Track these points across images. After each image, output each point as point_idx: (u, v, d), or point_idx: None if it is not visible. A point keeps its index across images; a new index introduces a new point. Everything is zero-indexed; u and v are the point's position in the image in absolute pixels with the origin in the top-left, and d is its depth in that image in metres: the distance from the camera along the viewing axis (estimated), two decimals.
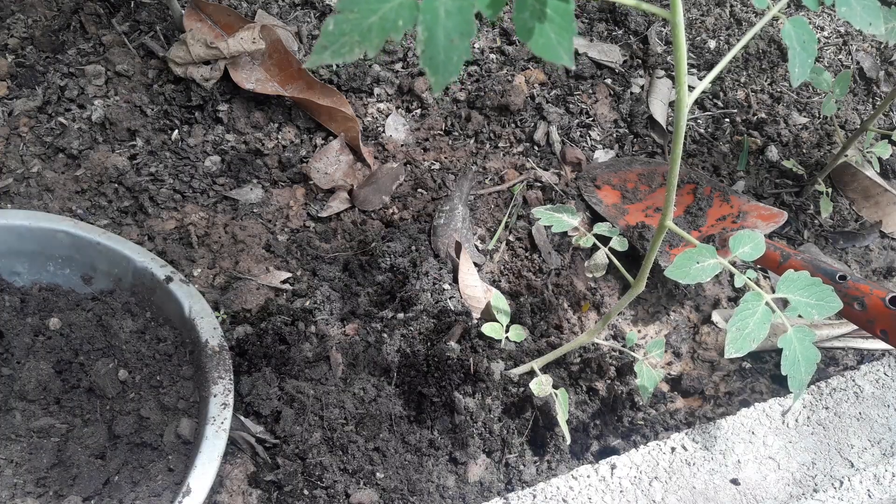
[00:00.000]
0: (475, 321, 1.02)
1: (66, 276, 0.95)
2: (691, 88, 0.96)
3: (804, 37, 0.58)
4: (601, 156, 1.29)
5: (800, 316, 0.64)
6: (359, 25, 0.39)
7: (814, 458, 0.87)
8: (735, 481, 0.84)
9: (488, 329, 0.98)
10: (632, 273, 0.81)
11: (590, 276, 1.10)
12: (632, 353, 0.91)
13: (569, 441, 0.90)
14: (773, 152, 1.33)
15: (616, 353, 1.05)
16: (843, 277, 0.94)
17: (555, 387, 0.87)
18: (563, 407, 0.86)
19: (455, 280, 1.07)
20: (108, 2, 1.23)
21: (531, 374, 0.94)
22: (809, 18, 1.49)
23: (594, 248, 0.85)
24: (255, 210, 1.12)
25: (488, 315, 1.04)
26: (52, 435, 0.84)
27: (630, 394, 1.02)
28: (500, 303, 1.02)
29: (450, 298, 1.04)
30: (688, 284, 1.14)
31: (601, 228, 0.87)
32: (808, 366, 0.64)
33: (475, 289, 1.06)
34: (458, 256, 1.07)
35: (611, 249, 0.88)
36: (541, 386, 0.86)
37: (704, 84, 0.57)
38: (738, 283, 0.66)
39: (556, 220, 0.86)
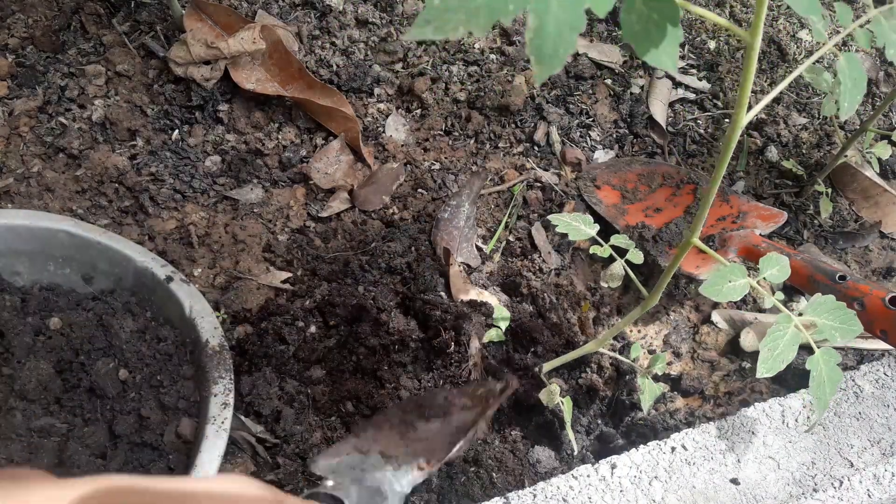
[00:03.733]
0: None
1: (66, 275, 0.95)
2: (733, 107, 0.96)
3: (855, 74, 0.60)
4: (601, 156, 1.29)
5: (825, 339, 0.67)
6: (466, 3, 0.36)
7: (813, 457, 0.87)
8: (735, 481, 0.84)
9: (491, 335, 0.98)
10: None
11: (605, 285, 1.10)
12: (632, 364, 0.91)
13: (577, 451, 0.89)
14: (772, 152, 1.33)
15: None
16: (842, 277, 0.94)
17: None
18: (569, 414, 0.86)
19: (447, 286, 1.06)
20: (108, 2, 1.23)
21: (533, 376, 0.94)
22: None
23: (610, 259, 0.85)
24: (255, 210, 1.12)
25: None
26: (53, 435, 0.84)
27: (630, 394, 1.02)
28: (500, 312, 1.01)
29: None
30: (687, 284, 1.15)
31: (619, 240, 0.86)
32: (833, 388, 0.66)
33: (468, 294, 1.04)
34: (447, 263, 1.04)
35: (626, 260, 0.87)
36: (550, 395, 0.86)
37: (761, 106, 0.56)
38: (766, 305, 0.68)
39: (573, 228, 0.85)
